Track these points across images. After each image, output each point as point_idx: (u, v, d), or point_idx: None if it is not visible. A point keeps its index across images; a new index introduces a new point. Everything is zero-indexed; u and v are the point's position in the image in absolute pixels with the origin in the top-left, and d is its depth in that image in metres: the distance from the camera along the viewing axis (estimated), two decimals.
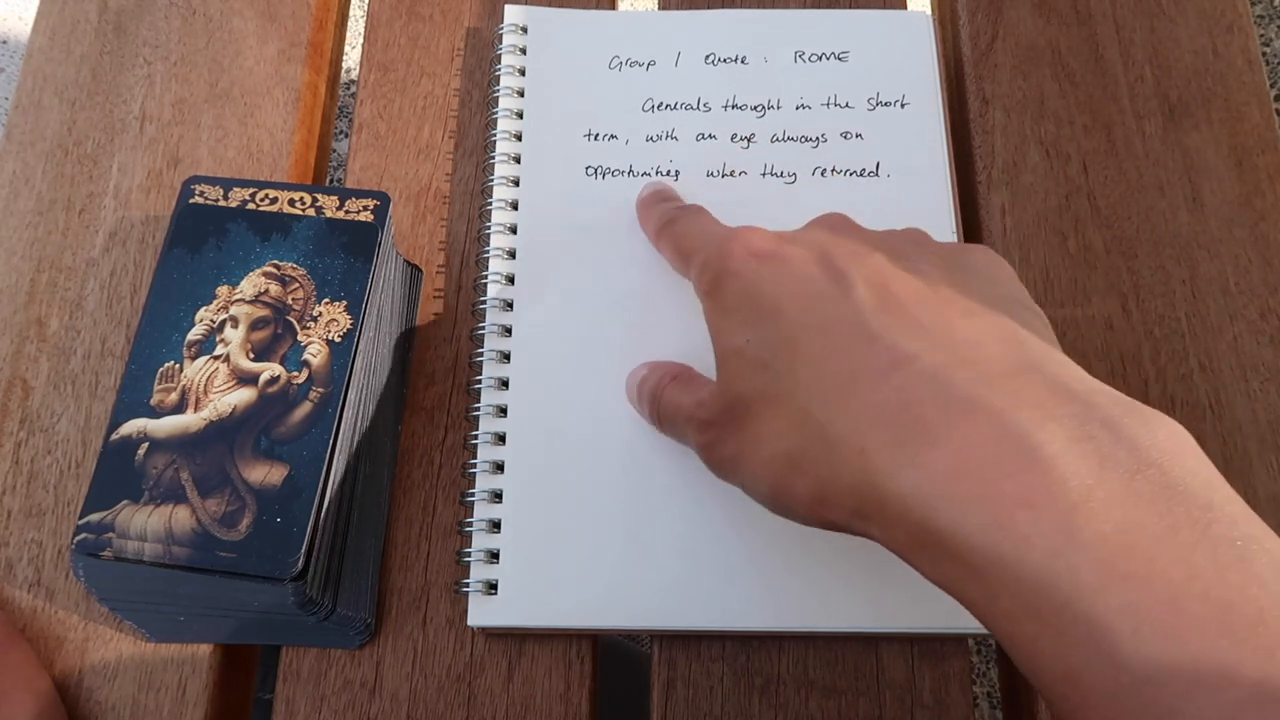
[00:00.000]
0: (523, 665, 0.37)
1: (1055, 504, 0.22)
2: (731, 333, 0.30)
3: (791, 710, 0.36)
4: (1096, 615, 0.21)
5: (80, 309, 0.42)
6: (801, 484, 0.27)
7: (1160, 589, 0.21)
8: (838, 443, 0.26)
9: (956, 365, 0.25)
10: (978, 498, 0.22)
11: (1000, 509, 0.22)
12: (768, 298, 0.29)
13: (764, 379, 0.29)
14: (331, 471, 0.33)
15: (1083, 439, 0.22)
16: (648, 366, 0.38)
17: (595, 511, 0.38)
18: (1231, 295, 0.42)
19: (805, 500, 0.27)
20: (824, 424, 0.26)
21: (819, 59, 0.46)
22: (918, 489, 0.23)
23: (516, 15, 0.46)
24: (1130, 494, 0.22)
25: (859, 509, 0.25)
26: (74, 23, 0.47)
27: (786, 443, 0.27)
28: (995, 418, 0.23)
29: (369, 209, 0.37)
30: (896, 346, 0.26)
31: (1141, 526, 0.21)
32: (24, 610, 0.37)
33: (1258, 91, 0.46)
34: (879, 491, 0.24)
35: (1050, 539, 0.21)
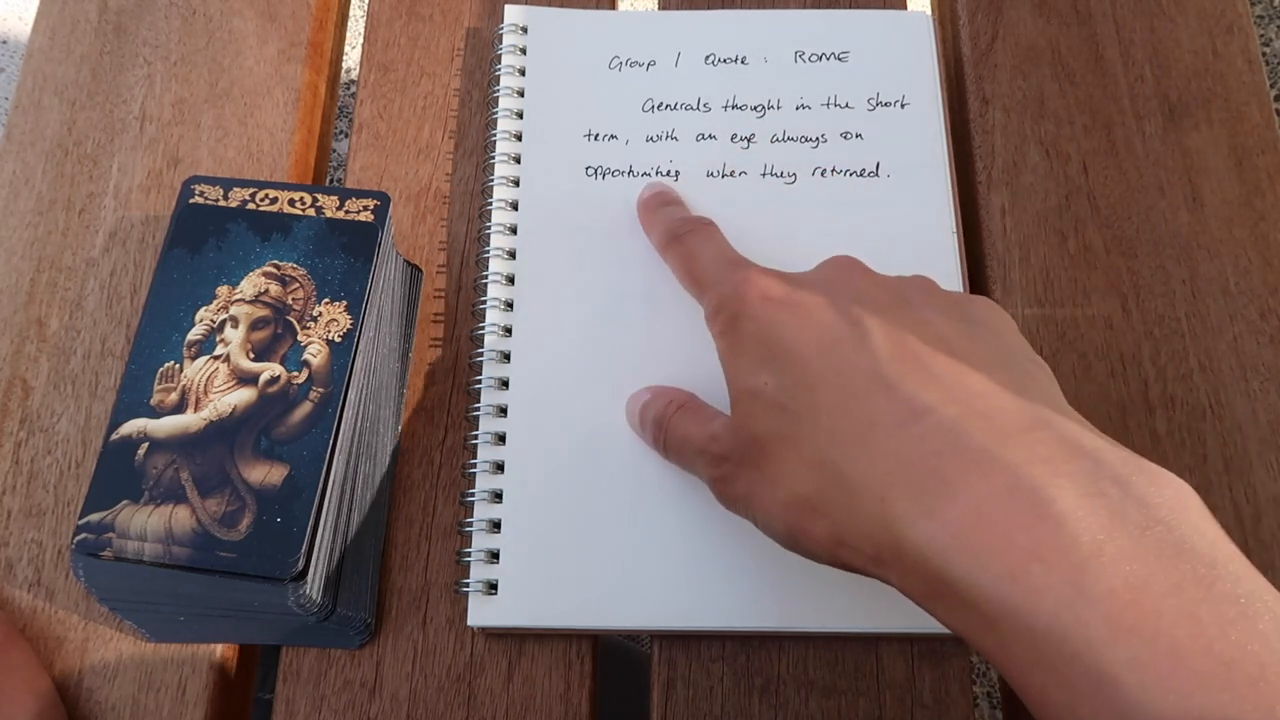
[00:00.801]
0: (523, 665, 0.37)
1: (1066, 558, 0.23)
2: (748, 374, 0.31)
3: (791, 710, 0.36)
4: (1104, 668, 0.22)
5: (80, 309, 0.42)
6: (820, 527, 0.28)
7: (1165, 644, 0.21)
8: (858, 490, 0.27)
9: (971, 419, 0.26)
10: (992, 550, 0.23)
11: (1014, 561, 0.23)
12: (784, 342, 0.30)
13: (781, 421, 0.29)
14: (331, 471, 0.33)
15: (1093, 495, 0.23)
16: (650, 391, 0.38)
17: (595, 511, 0.38)
18: (1231, 295, 0.42)
19: (823, 543, 0.28)
20: (844, 470, 0.27)
21: (819, 59, 0.46)
22: (935, 540, 0.24)
23: (516, 15, 0.46)
24: (1138, 550, 0.22)
25: (877, 555, 0.26)
26: (74, 23, 0.47)
27: (804, 486, 0.28)
28: (1010, 473, 0.24)
29: (369, 209, 0.37)
30: (914, 398, 0.27)
31: (1149, 583, 0.22)
32: (24, 610, 0.37)
33: (1258, 91, 0.46)
34: (898, 541, 0.25)
35: (1061, 592, 0.22)
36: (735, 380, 0.32)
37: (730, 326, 0.32)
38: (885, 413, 0.27)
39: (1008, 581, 0.23)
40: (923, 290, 0.32)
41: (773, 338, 0.31)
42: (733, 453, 0.31)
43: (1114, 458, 0.24)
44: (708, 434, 0.33)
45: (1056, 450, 0.24)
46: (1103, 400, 0.40)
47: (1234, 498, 0.39)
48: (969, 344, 0.29)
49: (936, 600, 0.25)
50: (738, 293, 0.33)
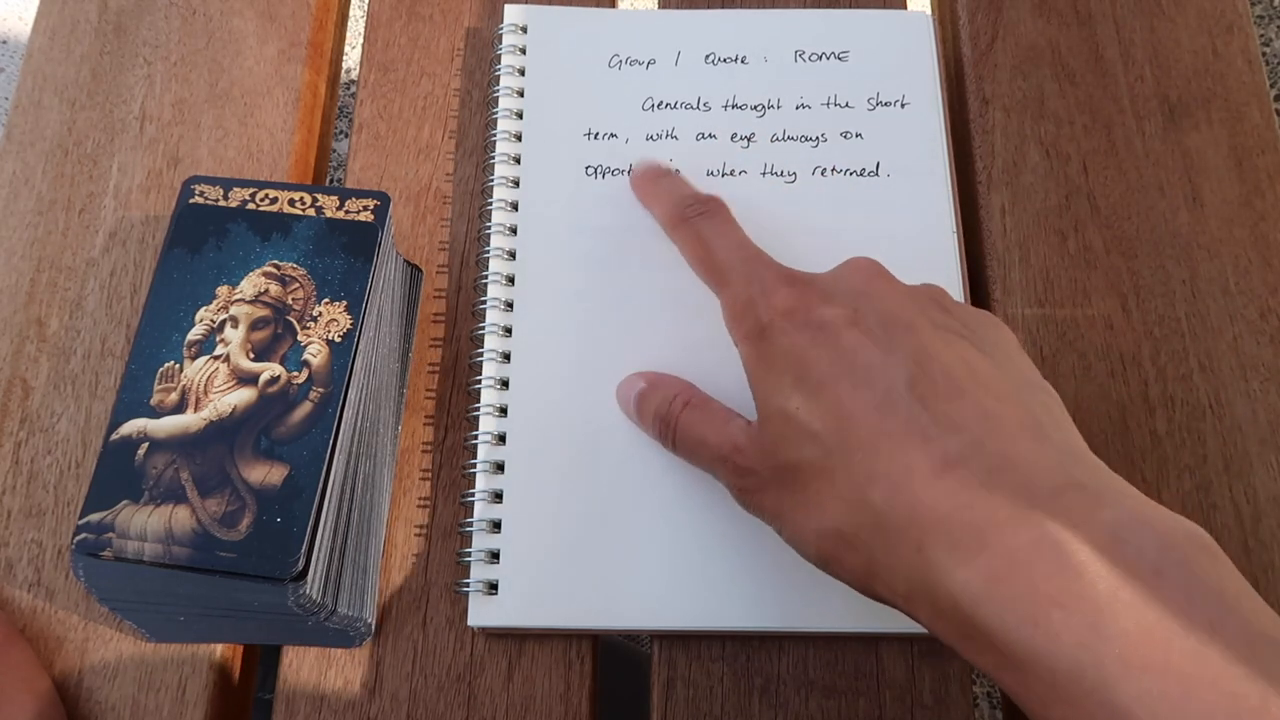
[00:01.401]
0: (523, 665, 0.37)
1: (1084, 604, 0.24)
2: (778, 393, 0.31)
3: (791, 710, 0.36)
4: (1118, 701, 0.23)
5: (80, 309, 0.42)
6: (854, 560, 0.29)
7: (1175, 678, 0.23)
8: (894, 534, 0.28)
9: (1003, 470, 0.27)
10: (1017, 597, 0.25)
11: (1036, 608, 0.25)
12: (817, 367, 0.31)
13: (814, 450, 0.30)
14: (331, 471, 0.33)
15: (1112, 543, 0.25)
16: (646, 380, 0.38)
17: (595, 512, 0.38)
18: (1231, 295, 0.42)
19: (857, 574, 0.30)
20: (881, 513, 0.28)
21: (819, 59, 0.46)
22: (967, 588, 0.26)
23: (516, 15, 0.46)
24: (1151, 595, 0.24)
25: (910, 595, 0.28)
26: (74, 23, 0.47)
27: (840, 521, 0.29)
28: (1036, 526, 0.26)
29: (369, 209, 0.37)
30: (949, 447, 0.28)
31: (1160, 625, 0.24)
32: (24, 610, 0.37)
33: (1258, 91, 0.46)
34: (931, 586, 0.27)
35: (1079, 634, 0.24)
36: (764, 397, 0.32)
37: (757, 336, 0.33)
38: (920, 460, 0.28)
39: (1030, 626, 0.25)
40: (941, 307, 0.33)
41: (805, 359, 0.31)
42: (760, 468, 0.32)
43: (1133, 507, 0.26)
44: (730, 442, 0.33)
45: (1079, 501, 0.26)
46: (1103, 400, 0.40)
47: (1234, 498, 0.39)
48: (990, 373, 0.30)
49: (965, 641, 0.27)
50: (767, 301, 0.33)
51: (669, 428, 0.36)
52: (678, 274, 0.41)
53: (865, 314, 0.32)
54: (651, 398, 0.37)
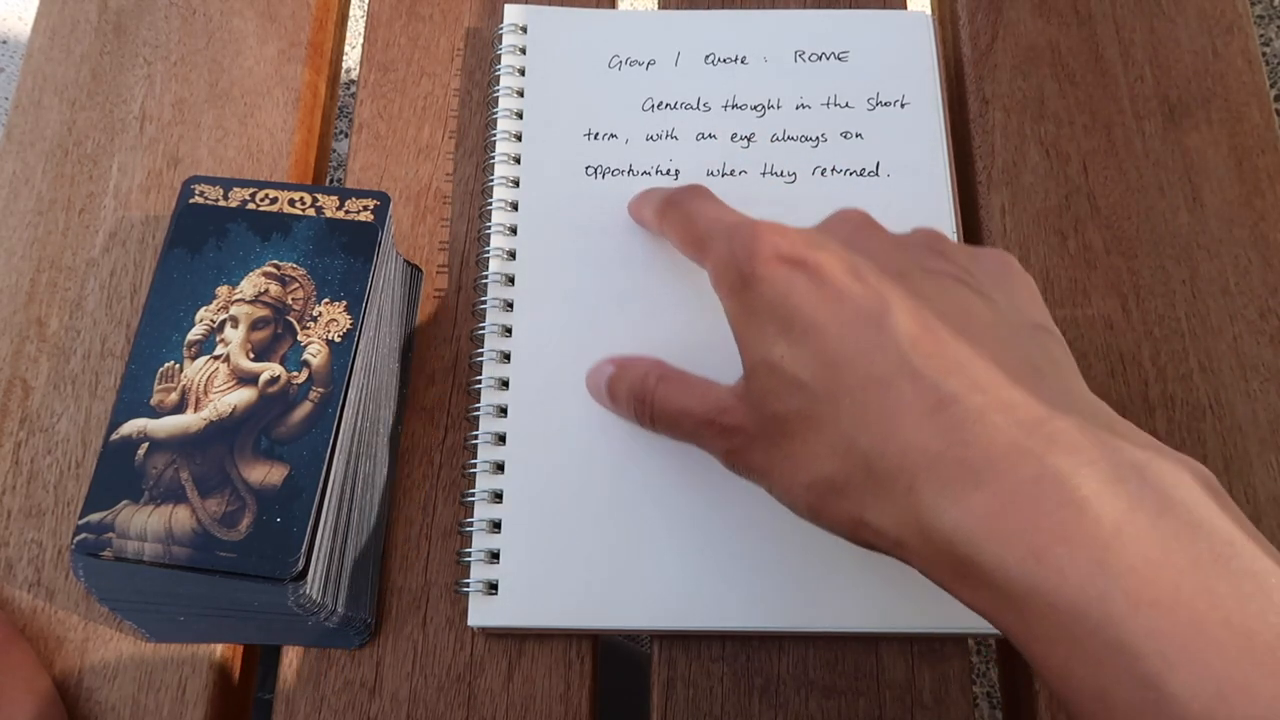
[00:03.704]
0: (523, 665, 0.37)
1: (1089, 540, 0.23)
2: (763, 344, 0.30)
3: (791, 710, 0.36)
4: (1125, 639, 0.23)
5: (80, 309, 0.42)
6: (844, 508, 0.29)
7: (1184, 615, 0.22)
8: (884, 478, 0.27)
9: (995, 409, 0.26)
10: (1018, 534, 0.24)
11: (1038, 544, 0.24)
12: (803, 312, 0.30)
13: (801, 399, 0.29)
14: (331, 471, 0.33)
15: (1114, 480, 0.24)
16: (614, 364, 0.37)
17: (595, 511, 0.38)
18: (1231, 295, 0.42)
19: (846, 523, 0.29)
20: (870, 458, 0.27)
21: (819, 59, 0.46)
22: (962, 526, 0.25)
23: (516, 15, 0.46)
24: (1157, 531, 0.23)
25: (901, 539, 0.27)
26: (74, 23, 0.47)
27: (829, 469, 0.29)
28: (1035, 461, 0.25)
29: (369, 209, 0.37)
30: (939, 386, 0.27)
31: (1168, 560, 0.23)
32: (24, 610, 0.37)
33: (1258, 91, 0.46)
34: (924, 527, 0.26)
35: (1084, 571, 0.23)
36: (749, 349, 0.31)
37: (741, 287, 0.31)
38: (911, 401, 0.27)
39: (1032, 562, 0.24)
40: (936, 251, 0.32)
41: (789, 305, 0.30)
42: (748, 425, 0.31)
43: (1134, 444, 0.25)
44: (715, 405, 0.33)
45: (1079, 439, 0.25)
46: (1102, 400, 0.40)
47: (1234, 498, 0.39)
48: (988, 315, 0.29)
49: (961, 582, 0.26)
50: (748, 249, 0.31)
51: (646, 404, 0.35)
52: (678, 274, 0.41)
53: (854, 260, 0.30)
54: (623, 378, 0.36)
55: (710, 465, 0.38)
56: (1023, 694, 0.38)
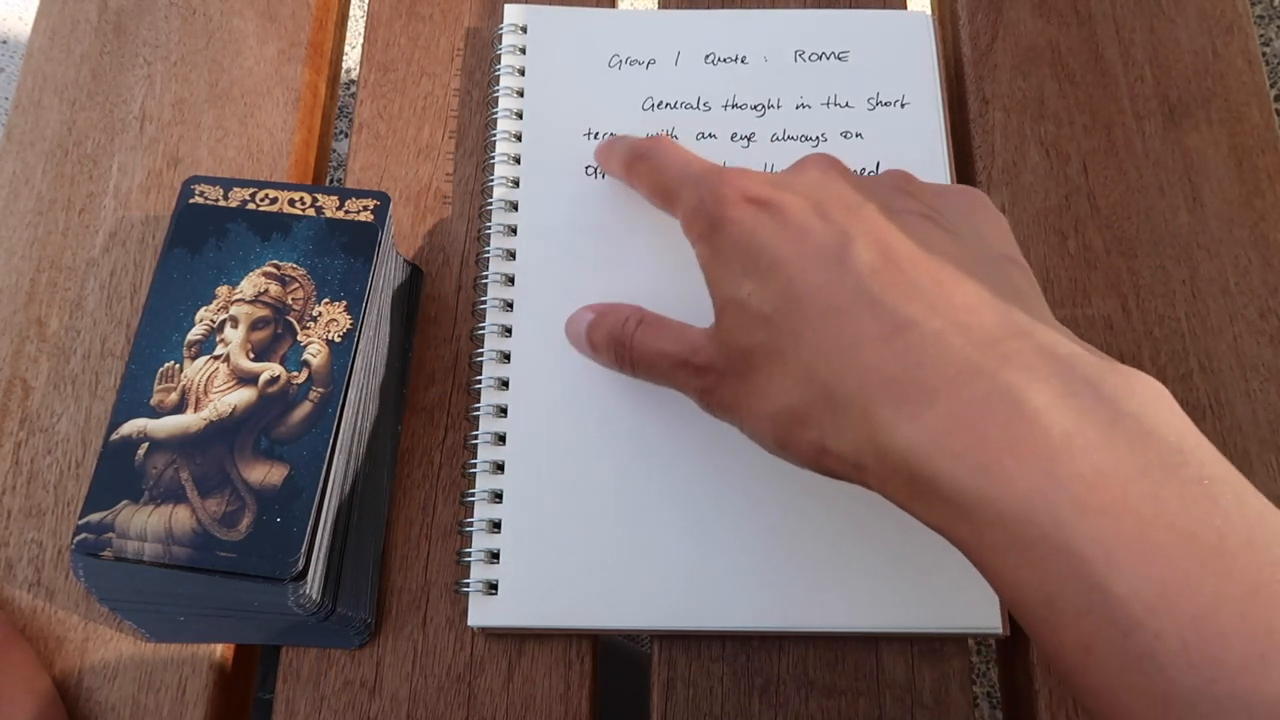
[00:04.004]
0: (523, 665, 0.37)
1: (1037, 450, 0.24)
2: (730, 283, 0.31)
3: (791, 710, 0.36)
4: (1072, 544, 0.23)
5: (80, 309, 0.42)
6: (806, 437, 0.29)
7: (1130, 521, 0.23)
8: (842, 403, 0.28)
9: (953, 332, 0.27)
10: (968, 447, 0.25)
11: (988, 455, 0.25)
12: (768, 250, 0.30)
13: (766, 333, 0.30)
14: (331, 471, 0.33)
15: (1066, 395, 0.25)
16: (593, 310, 0.38)
17: (595, 511, 0.38)
18: (1231, 295, 0.42)
19: (808, 452, 0.29)
20: (829, 385, 0.28)
21: (819, 59, 0.46)
22: (915, 442, 0.26)
23: (516, 15, 0.46)
24: (1106, 441, 0.24)
25: (859, 462, 0.28)
26: (74, 23, 0.47)
27: (791, 399, 0.29)
28: (987, 379, 0.25)
29: (369, 209, 0.37)
30: (897, 312, 0.28)
31: (1116, 468, 0.24)
32: (24, 610, 0.37)
33: (1258, 91, 0.46)
34: (880, 447, 0.27)
35: (1032, 479, 0.24)
36: (718, 289, 0.32)
37: (710, 231, 0.32)
38: (869, 328, 0.28)
39: (982, 474, 0.24)
40: (903, 190, 0.32)
41: (755, 245, 0.31)
42: (717, 362, 0.32)
43: (1087, 361, 0.26)
44: (688, 346, 0.33)
45: (1033, 358, 0.26)
46: None
47: None
48: (951, 247, 0.30)
49: (916, 499, 0.26)
50: (715, 194, 0.32)
51: (625, 348, 0.36)
52: (678, 274, 0.41)
53: (818, 198, 0.31)
54: (602, 324, 0.37)
55: (710, 465, 0.38)
56: (1023, 694, 0.38)
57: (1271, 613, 0.22)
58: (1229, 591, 0.22)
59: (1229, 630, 0.22)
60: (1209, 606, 0.22)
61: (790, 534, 0.37)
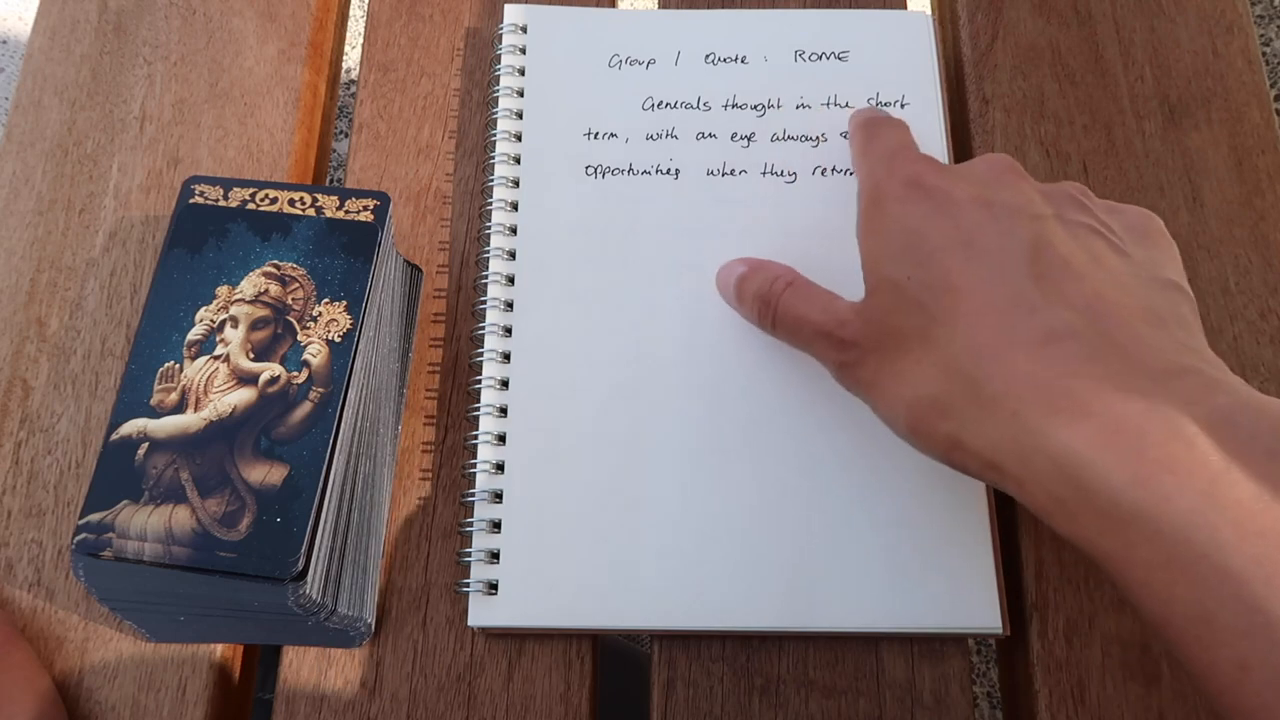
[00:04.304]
0: (523, 665, 0.37)
1: (1197, 472, 0.24)
2: (889, 263, 0.31)
3: (791, 710, 0.36)
4: (1231, 564, 0.23)
5: (80, 309, 0.42)
6: (944, 428, 0.29)
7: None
8: (990, 402, 0.28)
9: (1110, 349, 0.27)
10: (1125, 461, 0.25)
11: (1146, 471, 0.25)
12: (930, 238, 0.30)
13: (919, 319, 0.30)
14: (331, 471, 0.33)
15: (1225, 423, 0.25)
16: (746, 264, 0.38)
17: (595, 511, 0.38)
18: (1231, 295, 0.42)
19: (943, 443, 0.29)
20: (978, 381, 0.28)
21: (819, 59, 0.46)
22: (1067, 450, 0.26)
23: (516, 15, 0.46)
24: (1265, 472, 0.24)
25: (997, 462, 0.27)
26: (74, 23, 0.47)
27: (935, 389, 0.29)
28: (1146, 399, 0.25)
29: (369, 209, 0.37)
30: (1058, 320, 0.28)
31: (1276, 497, 0.24)
32: (24, 610, 0.37)
33: (1258, 91, 0.46)
34: (1025, 451, 0.27)
35: (1192, 499, 0.24)
36: (874, 266, 0.32)
37: (873, 206, 0.32)
38: (1025, 331, 0.28)
39: (1139, 487, 0.24)
40: (1078, 203, 0.32)
41: (918, 230, 0.31)
42: (863, 339, 0.32)
43: (1247, 392, 0.26)
44: (834, 318, 0.33)
45: (1193, 382, 0.26)
46: None
47: None
48: (1118, 265, 0.29)
49: (1059, 507, 0.26)
50: (889, 170, 0.33)
51: (769, 307, 0.36)
52: (678, 274, 0.41)
53: (991, 197, 0.31)
54: (753, 279, 0.37)
55: (710, 465, 0.38)
56: (1022, 694, 0.38)
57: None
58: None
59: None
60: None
61: (790, 534, 0.37)
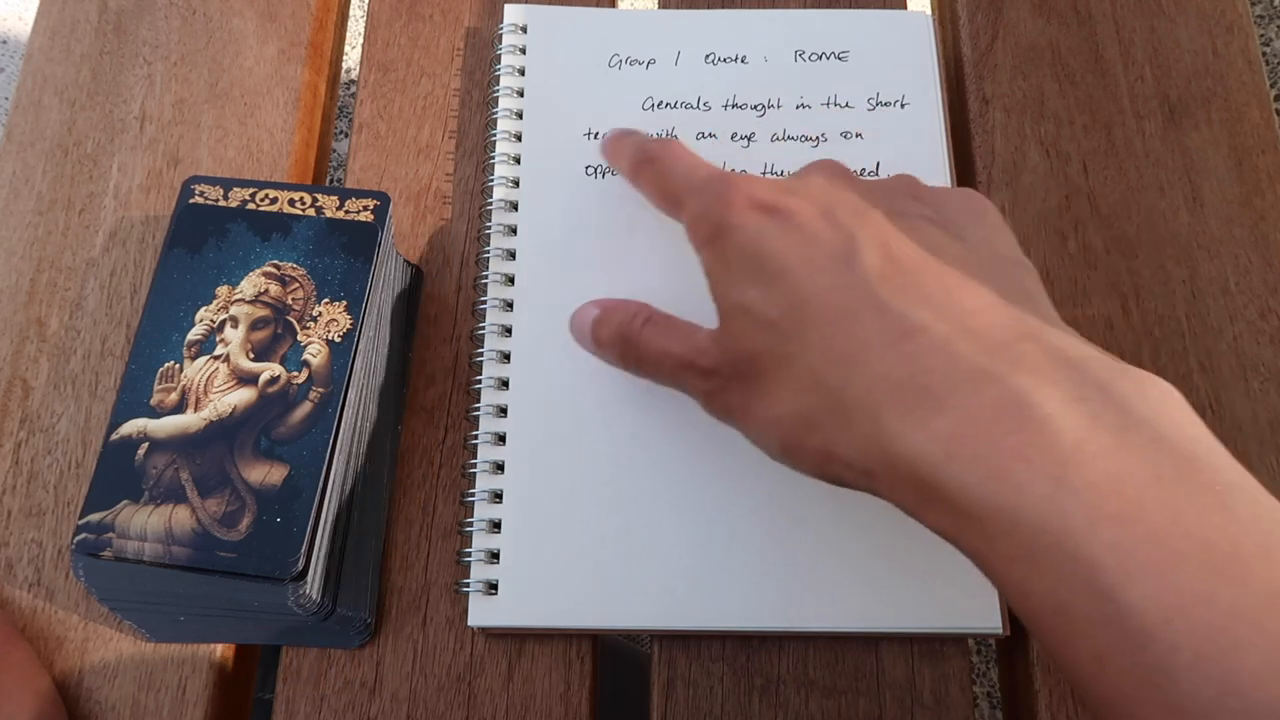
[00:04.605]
0: (523, 665, 0.37)
1: (1048, 456, 0.24)
2: (736, 288, 0.31)
3: (791, 710, 0.36)
4: (1084, 552, 0.23)
5: (80, 309, 0.42)
6: (813, 443, 0.29)
7: (1144, 528, 0.22)
8: (851, 409, 0.27)
9: (961, 336, 0.27)
10: (979, 455, 0.24)
11: (998, 463, 0.24)
12: (774, 257, 0.30)
13: (772, 338, 0.30)
14: (331, 471, 0.33)
15: (1076, 400, 0.24)
16: (599, 306, 0.37)
17: (595, 511, 0.38)
18: (1231, 295, 0.42)
19: (815, 458, 0.29)
20: (837, 390, 0.28)
21: (819, 59, 0.46)
22: (925, 450, 0.25)
23: (516, 14, 0.46)
24: (1119, 447, 0.24)
25: (868, 469, 0.27)
26: (74, 23, 0.47)
27: (798, 404, 0.29)
28: (997, 383, 0.25)
29: (369, 209, 0.37)
30: (905, 317, 0.27)
31: (1129, 475, 0.23)
32: (24, 610, 0.37)
33: (1258, 91, 0.46)
34: (889, 454, 0.26)
35: (1043, 487, 0.23)
36: (723, 294, 0.32)
37: (715, 236, 0.32)
38: (877, 333, 0.27)
39: (992, 481, 0.24)
40: (909, 194, 0.32)
41: (761, 251, 0.30)
42: (722, 367, 0.32)
43: (1099, 364, 0.25)
44: (693, 348, 0.33)
45: (1042, 361, 0.25)
46: None
47: None
48: (958, 251, 0.29)
49: (926, 506, 0.26)
50: (722, 200, 0.32)
51: (631, 345, 0.35)
52: (679, 273, 0.41)
53: (825, 203, 0.31)
54: (609, 320, 0.36)
55: (709, 465, 0.38)
56: (1022, 694, 0.38)
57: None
58: (1244, 602, 0.21)
59: (1244, 642, 0.21)
60: (1224, 617, 0.21)
61: (790, 534, 0.37)
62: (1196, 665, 0.21)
